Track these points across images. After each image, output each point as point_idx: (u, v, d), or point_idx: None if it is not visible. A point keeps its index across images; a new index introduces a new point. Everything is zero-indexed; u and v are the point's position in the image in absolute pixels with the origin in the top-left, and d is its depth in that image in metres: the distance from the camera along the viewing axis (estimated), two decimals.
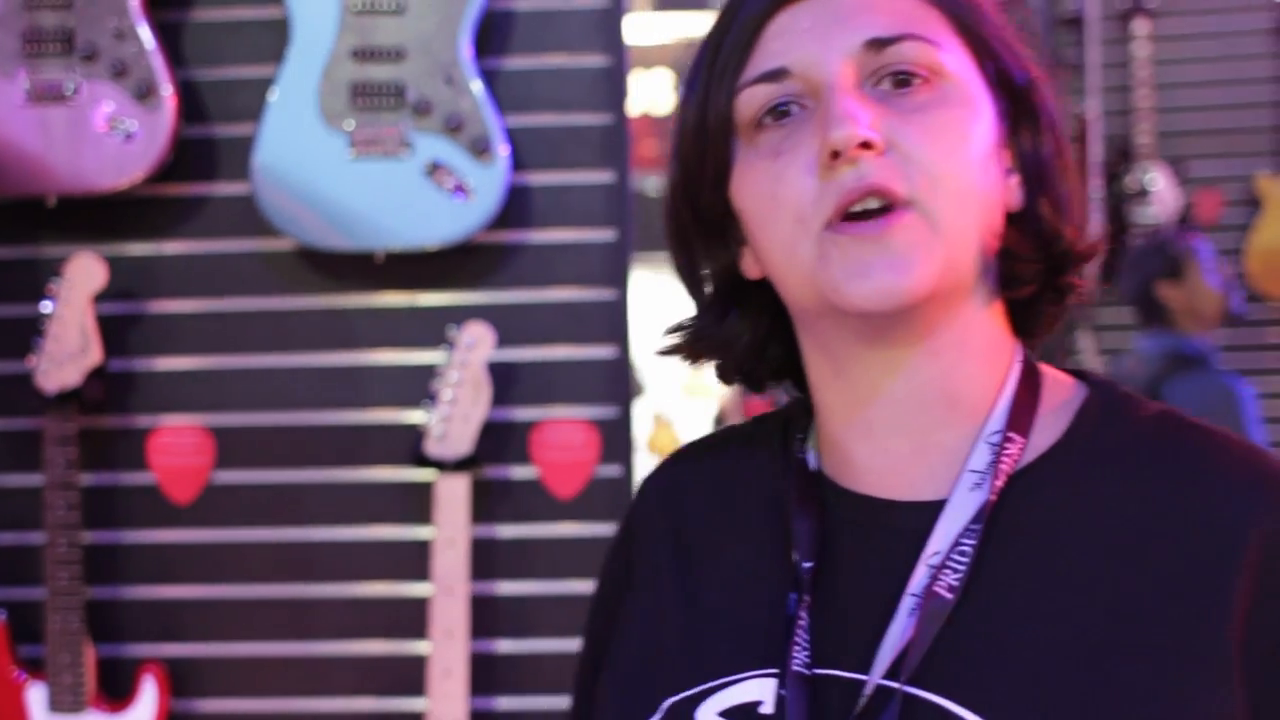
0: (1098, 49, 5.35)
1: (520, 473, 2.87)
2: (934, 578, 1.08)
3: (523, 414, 2.88)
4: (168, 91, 2.80)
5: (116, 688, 2.86)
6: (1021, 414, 1.14)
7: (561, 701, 2.86)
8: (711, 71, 1.15)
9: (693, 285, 1.23)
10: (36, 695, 2.79)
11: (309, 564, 2.89)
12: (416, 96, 2.80)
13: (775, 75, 1.12)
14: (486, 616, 2.84)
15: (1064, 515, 1.10)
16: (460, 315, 2.84)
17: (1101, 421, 1.15)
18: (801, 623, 1.11)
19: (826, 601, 1.12)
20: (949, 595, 1.07)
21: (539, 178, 2.89)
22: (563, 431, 2.87)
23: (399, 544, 2.88)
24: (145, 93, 2.80)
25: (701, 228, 1.19)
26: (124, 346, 2.90)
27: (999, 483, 1.10)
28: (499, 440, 2.85)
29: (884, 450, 1.15)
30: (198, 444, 2.90)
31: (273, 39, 2.87)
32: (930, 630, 1.06)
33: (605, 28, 2.92)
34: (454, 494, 2.75)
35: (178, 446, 2.90)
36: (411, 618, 2.85)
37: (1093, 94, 5.29)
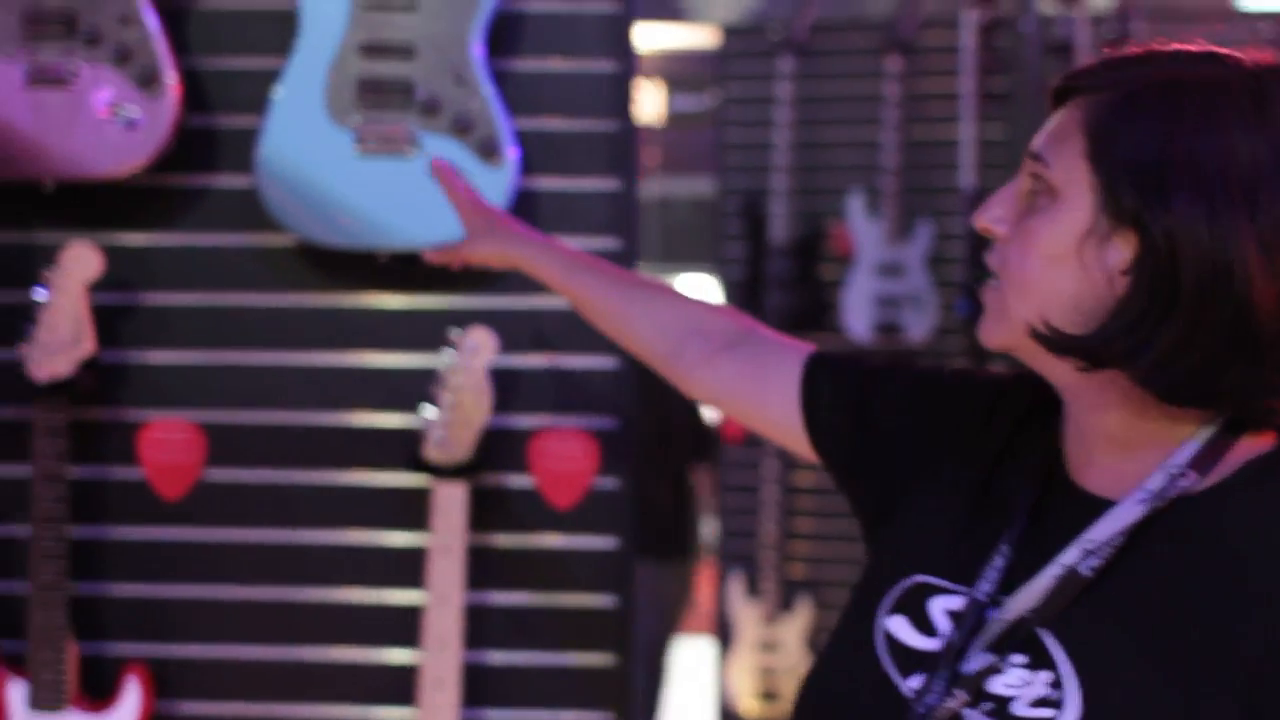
0: None
1: (517, 481, 2.83)
2: (1082, 558, 1.40)
3: (522, 422, 2.83)
4: (171, 79, 2.74)
5: (99, 687, 2.79)
6: (1206, 458, 1.42)
7: (551, 716, 2.82)
8: None
9: None
10: (16, 692, 2.73)
11: (299, 567, 2.83)
12: (425, 95, 2.75)
13: (1029, 153, 1.48)
14: (478, 626, 2.79)
15: (1200, 542, 1.40)
16: (462, 319, 2.79)
17: (1257, 475, 1.42)
18: (999, 565, 1.46)
19: (1018, 548, 1.47)
20: (1089, 574, 1.40)
21: (544, 182, 2.85)
22: (562, 441, 2.82)
23: (390, 550, 2.83)
24: (148, 80, 2.74)
25: None
26: (117, 338, 2.84)
27: (1159, 504, 1.41)
28: (496, 447, 2.80)
29: (1088, 453, 1.48)
30: (189, 440, 2.84)
31: (278, 30, 2.81)
32: (1060, 593, 1.41)
33: (615, 33, 2.88)
34: (452, 501, 2.70)
35: (168, 442, 2.84)
36: (401, 625, 2.80)
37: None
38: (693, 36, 6.14)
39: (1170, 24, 5.47)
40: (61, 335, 2.72)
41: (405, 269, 2.78)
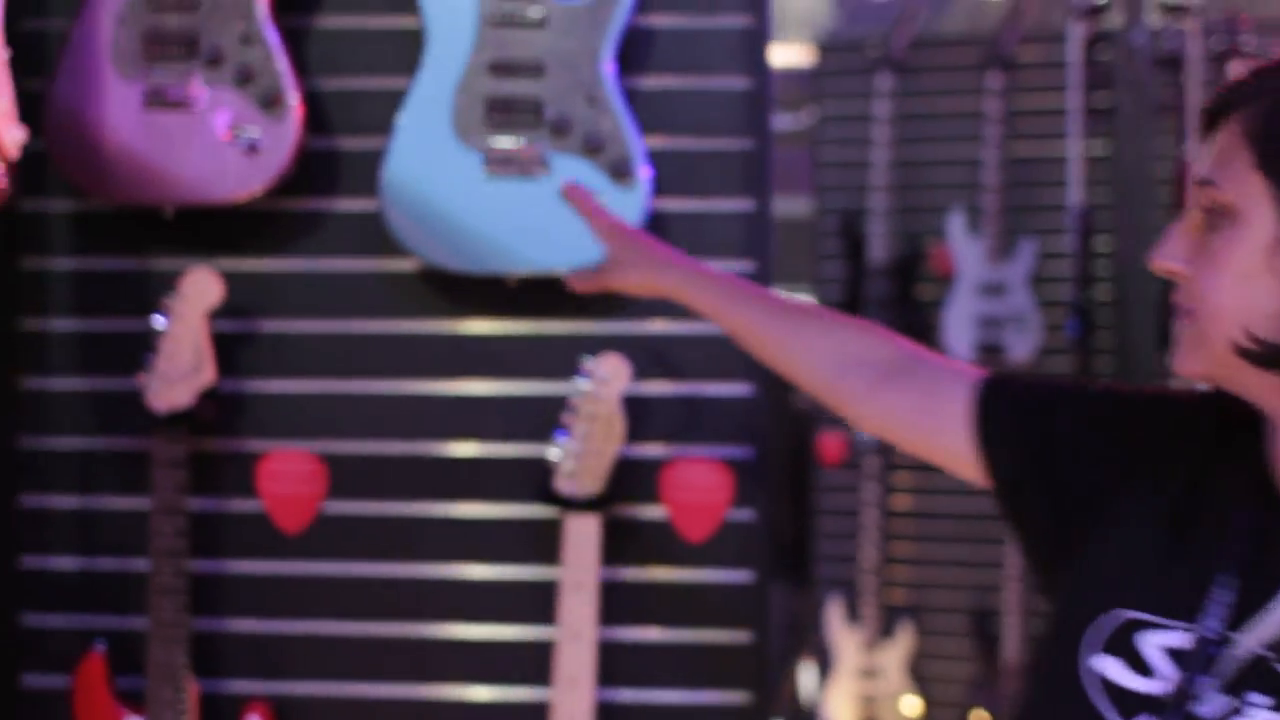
0: (1197, 90, 5.21)
1: (648, 513, 2.73)
2: None
3: (653, 451, 2.74)
4: (294, 100, 2.66)
5: None
6: None
7: None
8: None
9: None
10: None
11: (424, 602, 2.75)
12: (555, 115, 2.66)
13: (1196, 182, 1.46)
14: (608, 663, 2.69)
15: None
16: (592, 346, 2.70)
17: None
18: (1225, 597, 1.40)
19: (1244, 578, 1.40)
20: None
21: (676, 203, 2.76)
22: (695, 471, 2.73)
23: (519, 584, 2.74)
24: (270, 101, 2.67)
25: None
26: (237, 366, 2.76)
27: None
28: (626, 478, 2.70)
29: None
30: (310, 471, 2.76)
31: (402, 49, 2.74)
32: None
33: (748, 49, 2.79)
34: (584, 534, 2.61)
35: (288, 473, 2.76)
36: (530, 662, 2.71)
37: (1192, 135, 5.16)
38: (788, 54, 6.03)
39: (1277, 36, 5.33)
40: (181, 364, 2.64)
41: (534, 294, 2.69)
